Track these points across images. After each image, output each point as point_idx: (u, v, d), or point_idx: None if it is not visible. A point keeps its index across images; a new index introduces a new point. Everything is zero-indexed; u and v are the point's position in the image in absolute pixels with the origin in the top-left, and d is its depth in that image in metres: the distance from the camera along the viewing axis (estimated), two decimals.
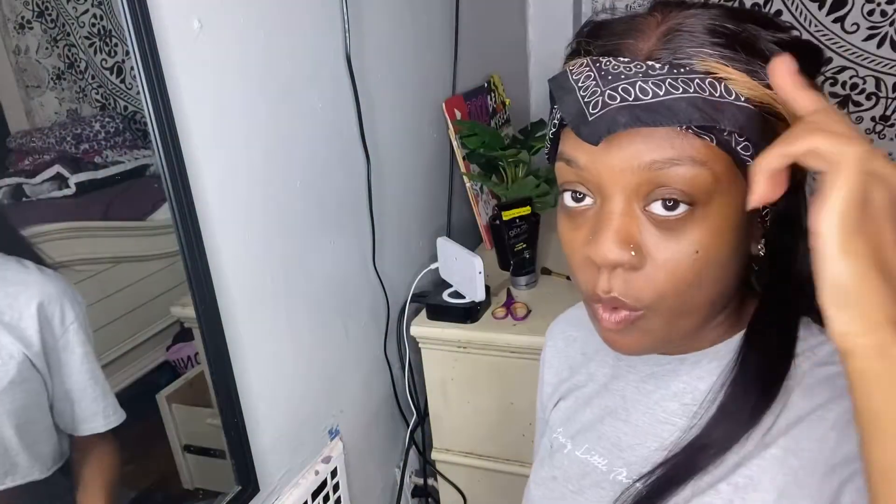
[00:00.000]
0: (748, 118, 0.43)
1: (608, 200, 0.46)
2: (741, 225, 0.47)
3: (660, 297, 0.46)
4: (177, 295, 0.91)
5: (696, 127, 0.42)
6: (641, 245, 0.46)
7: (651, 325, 0.49)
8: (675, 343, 0.53)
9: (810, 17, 1.72)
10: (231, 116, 0.90)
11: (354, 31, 1.13)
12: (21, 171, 0.88)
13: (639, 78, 0.43)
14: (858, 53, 1.72)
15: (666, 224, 0.45)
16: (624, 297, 0.47)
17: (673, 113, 0.42)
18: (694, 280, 0.46)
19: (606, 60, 0.45)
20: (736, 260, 0.48)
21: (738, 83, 0.43)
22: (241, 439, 0.96)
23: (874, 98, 1.75)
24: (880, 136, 1.78)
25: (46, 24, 0.89)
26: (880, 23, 1.67)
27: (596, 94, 0.44)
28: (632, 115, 0.42)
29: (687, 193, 0.44)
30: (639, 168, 0.44)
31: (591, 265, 0.48)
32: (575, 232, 0.49)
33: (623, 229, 0.45)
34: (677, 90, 0.42)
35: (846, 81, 1.75)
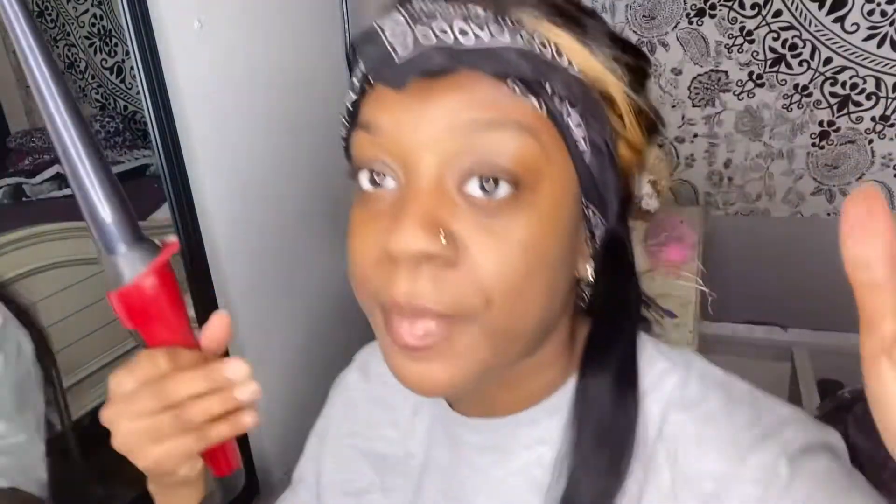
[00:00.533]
0: (581, 90, 0.36)
1: (414, 175, 0.36)
2: (570, 225, 0.38)
3: (483, 299, 0.35)
4: None
5: (522, 84, 0.35)
6: (455, 235, 0.35)
7: (469, 343, 0.36)
8: (493, 377, 0.40)
9: (810, 17, 1.72)
10: (231, 116, 0.90)
11: (354, 31, 1.13)
12: (21, 171, 0.88)
13: (456, 18, 0.35)
14: (858, 53, 1.72)
15: (486, 210, 0.35)
16: (434, 304, 0.35)
17: (499, 60, 0.34)
18: (522, 282, 0.36)
19: (415, 2, 0.36)
20: (565, 270, 0.39)
21: (571, 50, 0.36)
22: (240, 439, 0.96)
23: (874, 98, 1.75)
24: (880, 136, 1.78)
25: (46, 24, 0.89)
26: (880, 23, 1.67)
27: (406, 36, 0.34)
28: (449, 56, 0.34)
29: (510, 170, 0.35)
30: (454, 129, 0.35)
31: (387, 264, 0.36)
32: (370, 224, 0.38)
33: (431, 211, 0.35)
34: (503, 37, 0.34)
35: (846, 81, 1.75)
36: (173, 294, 0.39)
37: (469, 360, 0.37)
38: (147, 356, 0.38)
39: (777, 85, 1.82)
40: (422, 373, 0.37)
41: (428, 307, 0.35)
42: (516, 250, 0.35)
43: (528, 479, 0.44)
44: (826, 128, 1.82)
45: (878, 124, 1.77)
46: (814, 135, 1.83)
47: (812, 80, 1.78)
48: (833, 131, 1.82)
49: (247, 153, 0.93)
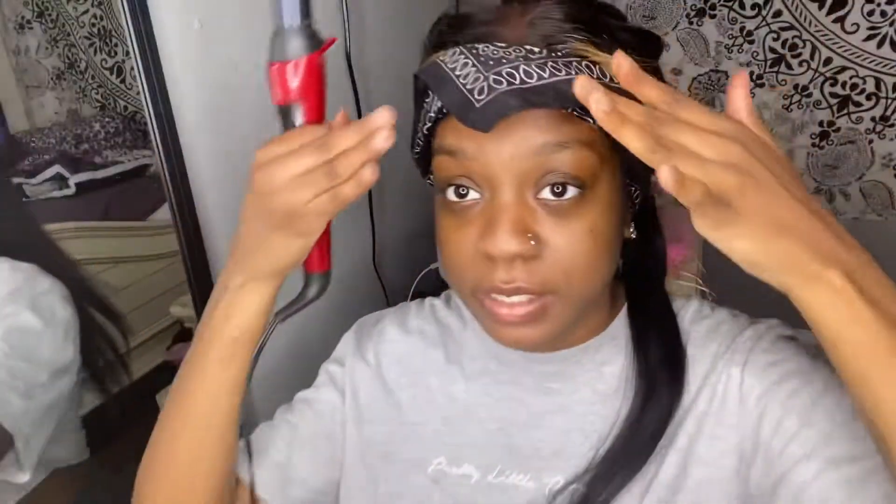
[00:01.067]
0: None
1: (499, 191, 0.45)
2: (622, 205, 0.49)
3: (565, 279, 0.46)
4: (177, 295, 0.91)
5: (580, 109, 0.43)
6: (538, 233, 0.45)
7: (557, 311, 0.47)
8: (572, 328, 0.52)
9: (810, 17, 1.72)
10: (231, 116, 0.89)
11: (354, 31, 1.13)
12: (21, 171, 0.88)
13: (521, 62, 0.42)
14: (858, 53, 1.72)
15: (559, 210, 0.45)
16: (530, 285, 0.45)
17: (561, 95, 0.41)
18: (592, 261, 0.46)
19: (483, 46, 0.44)
20: (619, 240, 0.50)
21: (607, 66, 0.44)
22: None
23: (874, 98, 1.75)
24: (880, 136, 1.78)
25: (46, 24, 0.89)
26: (880, 23, 1.67)
27: (479, 80, 0.42)
28: (522, 98, 0.41)
29: (575, 177, 0.44)
30: (529, 153, 0.43)
31: (484, 260, 0.46)
32: (463, 229, 0.47)
33: (519, 219, 0.44)
34: (560, 73, 0.42)
35: (846, 81, 1.75)
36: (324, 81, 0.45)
37: (556, 322, 0.48)
38: (299, 129, 0.44)
39: (777, 85, 1.82)
40: (519, 335, 0.48)
41: (525, 287, 0.45)
42: (586, 237, 0.45)
43: (592, 391, 0.55)
44: (826, 128, 1.82)
45: (878, 124, 1.77)
46: (814, 135, 1.83)
47: (812, 80, 1.78)
48: (833, 131, 1.82)
49: (247, 153, 0.93)
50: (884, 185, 1.83)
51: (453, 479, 0.57)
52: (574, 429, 0.54)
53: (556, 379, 0.56)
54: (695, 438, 0.51)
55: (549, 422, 0.55)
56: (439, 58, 0.46)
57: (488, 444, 0.57)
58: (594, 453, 0.52)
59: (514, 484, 0.55)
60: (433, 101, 0.48)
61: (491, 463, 0.56)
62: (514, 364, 0.57)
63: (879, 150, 1.80)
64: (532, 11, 0.45)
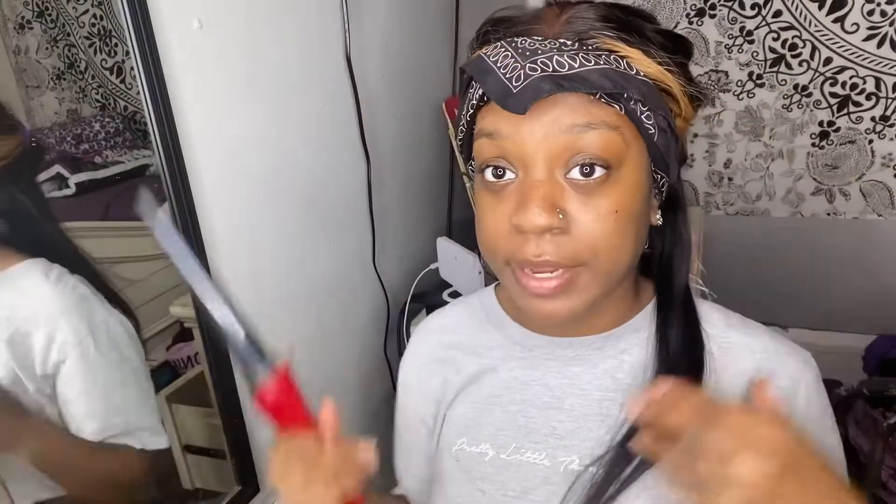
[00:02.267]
0: (649, 90, 0.48)
1: (531, 170, 0.49)
2: (647, 189, 0.52)
3: (592, 254, 0.49)
4: (177, 295, 0.91)
5: (607, 95, 0.47)
6: (567, 209, 0.48)
7: (585, 284, 0.51)
8: (597, 311, 0.56)
9: (810, 17, 1.72)
10: (231, 116, 0.90)
11: (354, 31, 1.13)
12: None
13: (554, 52, 0.47)
14: (858, 53, 1.71)
15: (586, 189, 0.48)
16: (557, 258, 0.49)
17: (589, 81, 0.46)
18: (618, 238, 0.49)
19: (522, 40, 0.49)
20: (644, 223, 0.53)
21: (636, 60, 0.48)
22: (241, 439, 0.96)
23: (874, 98, 1.75)
24: (880, 136, 1.78)
25: (46, 24, 0.89)
26: (880, 23, 1.67)
27: (517, 69, 0.47)
28: (554, 83, 0.46)
29: (602, 158, 0.48)
30: (559, 132, 0.47)
31: (517, 234, 0.49)
32: (499, 206, 0.51)
33: (549, 196, 0.48)
34: (589, 63, 0.47)
35: (846, 81, 1.75)
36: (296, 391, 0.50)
37: (584, 295, 0.51)
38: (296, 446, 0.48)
39: (777, 85, 1.82)
40: (550, 308, 0.51)
41: (551, 260, 0.49)
42: (611, 215, 0.49)
43: (612, 380, 0.58)
44: (826, 128, 1.82)
45: (878, 124, 1.77)
46: (814, 135, 1.83)
47: (812, 80, 1.78)
48: (833, 131, 1.82)
49: (247, 153, 0.93)
50: (884, 184, 1.83)
51: (471, 457, 0.62)
52: (591, 413, 0.58)
53: (577, 363, 0.59)
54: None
55: (568, 404, 0.59)
56: (483, 52, 0.51)
57: (507, 425, 0.61)
58: (609, 437, 0.56)
59: (529, 461, 0.59)
60: (476, 90, 0.52)
61: (507, 442, 0.60)
62: (539, 349, 0.61)
63: (879, 150, 1.80)
64: (568, 11, 0.50)
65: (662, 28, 0.52)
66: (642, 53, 0.48)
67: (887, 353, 1.81)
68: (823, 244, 1.90)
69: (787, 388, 0.55)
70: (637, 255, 0.54)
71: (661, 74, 0.49)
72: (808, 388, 0.56)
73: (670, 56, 0.50)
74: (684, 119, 0.53)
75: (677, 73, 0.51)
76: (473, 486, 0.61)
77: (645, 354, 0.58)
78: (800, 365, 0.56)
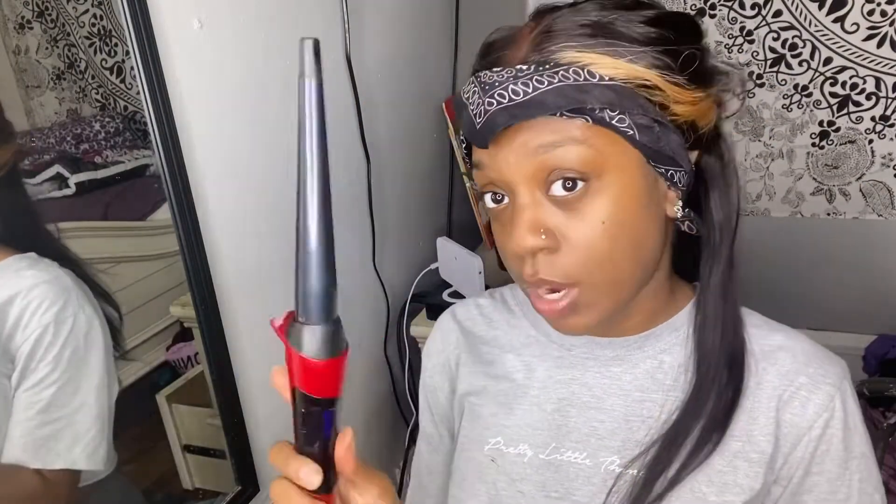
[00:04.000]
0: (616, 94, 0.47)
1: (516, 194, 0.50)
2: (644, 190, 0.51)
3: (585, 269, 0.50)
4: (177, 295, 0.91)
5: (567, 112, 0.47)
6: (553, 228, 0.49)
7: (591, 300, 0.51)
8: (622, 312, 0.55)
9: (810, 17, 1.72)
10: (231, 116, 0.90)
11: (354, 31, 1.13)
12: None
13: (510, 82, 0.48)
14: (858, 53, 1.71)
15: (568, 203, 0.49)
16: (551, 277, 0.50)
17: (542, 105, 0.47)
18: (610, 249, 0.49)
19: (484, 73, 0.50)
20: (650, 223, 0.52)
21: (599, 66, 0.47)
22: (241, 439, 0.96)
23: (874, 98, 1.75)
24: (880, 136, 1.78)
25: (46, 24, 0.89)
26: (880, 23, 1.67)
27: (479, 105, 0.49)
28: (508, 114, 0.48)
29: (577, 171, 0.48)
30: (528, 154, 0.49)
31: (518, 257, 0.51)
32: (503, 230, 0.53)
33: (532, 217, 0.49)
34: (543, 84, 0.47)
35: (846, 81, 1.75)
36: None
37: (595, 308, 0.52)
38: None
39: (777, 85, 1.82)
40: (568, 324, 0.53)
41: (546, 279, 0.50)
42: (598, 227, 0.49)
43: (653, 380, 0.58)
44: (826, 128, 1.82)
45: (878, 124, 1.77)
46: (814, 135, 1.83)
47: (812, 80, 1.78)
48: (833, 131, 1.82)
49: (247, 153, 0.93)
50: (884, 184, 1.83)
51: (509, 458, 0.62)
52: (632, 414, 0.58)
53: (617, 363, 0.60)
54: (752, 436, 0.55)
55: (609, 404, 0.59)
56: (463, 87, 0.53)
57: (543, 424, 0.61)
58: (649, 438, 0.56)
59: (570, 461, 0.59)
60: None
61: (545, 441, 0.60)
62: (578, 348, 0.61)
63: (879, 150, 1.80)
64: (541, 25, 0.50)
65: (651, 14, 0.50)
66: (608, 56, 0.47)
67: (887, 353, 1.81)
68: (823, 244, 1.90)
69: (827, 395, 0.54)
70: (650, 257, 0.53)
71: (634, 71, 0.47)
72: (845, 396, 0.55)
73: (652, 46, 0.48)
74: (684, 103, 0.50)
75: (659, 63, 0.48)
76: (513, 487, 0.61)
77: (684, 353, 0.58)
78: (838, 371, 0.56)
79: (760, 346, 0.57)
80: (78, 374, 0.74)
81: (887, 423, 1.36)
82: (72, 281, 0.74)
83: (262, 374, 1.00)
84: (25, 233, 0.75)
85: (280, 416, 1.04)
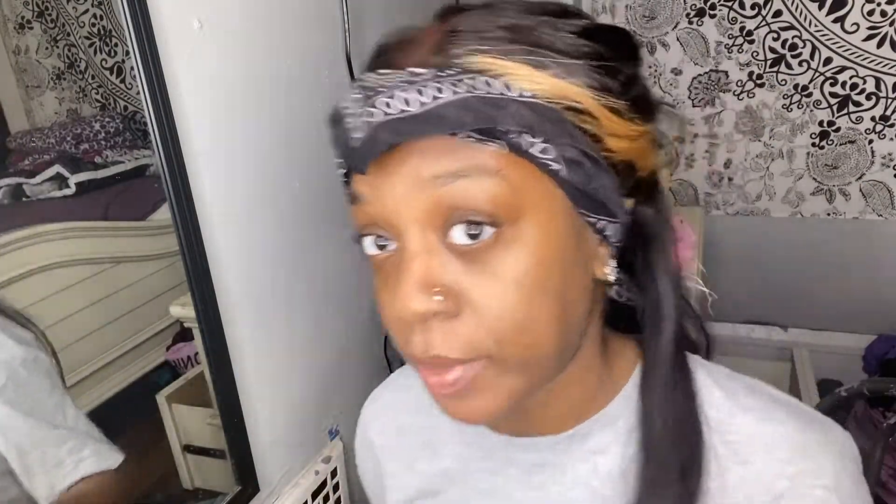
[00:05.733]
0: (538, 115, 0.36)
1: (404, 238, 0.38)
2: (569, 242, 0.39)
3: (493, 339, 0.37)
4: (177, 295, 0.91)
5: (475, 133, 0.35)
6: (451, 286, 0.37)
7: (495, 379, 0.38)
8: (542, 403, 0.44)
9: (810, 17, 1.72)
10: (231, 116, 0.90)
11: (354, 31, 1.13)
12: (21, 171, 0.88)
13: (400, 88, 0.36)
14: (858, 53, 1.72)
15: (473, 255, 0.37)
16: (447, 353, 0.37)
17: (441, 120, 0.35)
18: (524, 314, 0.37)
19: (369, 75, 0.38)
20: (574, 283, 0.40)
21: (519, 77, 0.36)
22: (241, 439, 0.96)
23: (874, 98, 1.75)
24: (880, 136, 1.78)
25: (46, 24, 0.89)
26: (880, 23, 1.67)
27: (358, 116, 0.37)
28: (393, 130, 0.35)
29: (485, 213, 0.36)
30: (421, 186, 0.36)
31: (404, 323, 0.38)
32: (385, 287, 0.40)
33: (423, 271, 0.37)
34: (442, 94, 0.35)
35: (846, 81, 1.75)
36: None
37: (501, 391, 0.39)
38: None
39: (777, 85, 1.82)
40: (465, 409, 0.40)
41: (443, 356, 0.37)
42: (512, 286, 0.36)
43: (587, 490, 0.45)
44: (826, 128, 1.82)
45: (878, 124, 1.77)
46: (814, 135, 1.83)
47: (812, 80, 1.78)
48: (833, 131, 1.82)
49: (247, 153, 0.93)
50: (884, 185, 1.83)
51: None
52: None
53: (541, 470, 0.47)
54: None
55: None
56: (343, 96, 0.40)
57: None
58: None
59: None
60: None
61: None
62: (499, 451, 0.49)
63: (879, 150, 1.80)
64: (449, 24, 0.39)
65: (582, 24, 0.39)
66: (529, 66, 0.36)
67: (887, 353, 1.81)
68: (823, 244, 1.91)
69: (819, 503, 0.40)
70: (572, 331, 0.41)
71: (562, 89, 0.36)
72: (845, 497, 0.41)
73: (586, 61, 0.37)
74: (622, 136, 0.39)
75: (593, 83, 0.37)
76: None
77: (624, 453, 0.44)
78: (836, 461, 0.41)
79: (724, 438, 0.43)
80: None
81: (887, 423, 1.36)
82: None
83: (262, 373, 1.00)
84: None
85: (280, 416, 1.04)
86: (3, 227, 0.81)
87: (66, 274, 0.88)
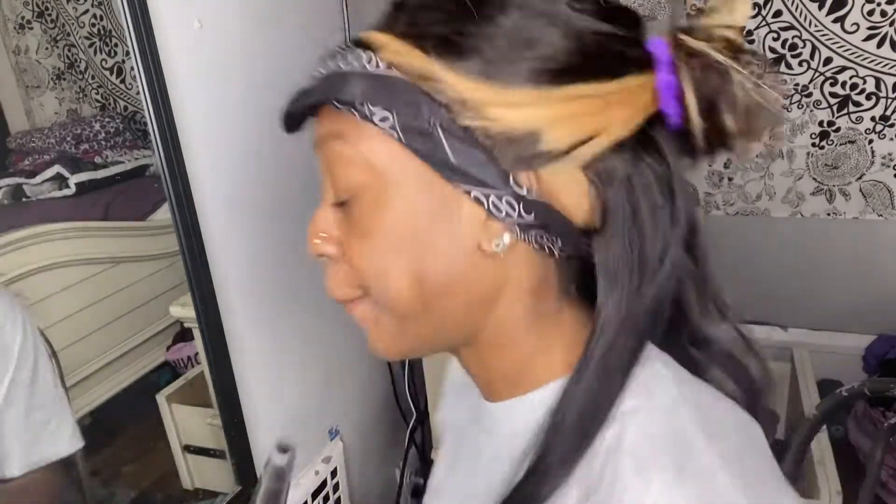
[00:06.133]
0: (380, 85, 0.37)
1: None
2: (425, 207, 0.39)
3: (360, 286, 0.42)
4: (177, 295, 0.91)
5: (336, 102, 0.39)
6: (332, 234, 0.43)
7: (381, 319, 0.43)
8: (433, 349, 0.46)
9: (810, 17, 1.72)
10: (231, 116, 0.90)
11: (354, 31, 1.13)
12: (21, 171, 0.88)
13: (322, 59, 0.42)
14: (858, 53, 1.71)
15: (345, 209, 0.42)
16: (332, 292, 0.44)
17: (313, 90, 0.42)
18: (380, 269, 0.40)
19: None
20: (439, 252, 0.39)
21: (382, 50, 0.37)
22: (241, 439, 0.96)
23: (874, 98, 1.75)
24: (880, 136, 1.78)
25: (46, 24, 0.89)
26: (880, 23, 1.67)
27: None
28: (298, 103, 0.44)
29: (341, 174, 0.41)
30: (320, 146, 0.43)
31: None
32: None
33: (319, 219, 0.44)
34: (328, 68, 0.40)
35: (846, 81, 1.75)
36: None
37: (387, 330, 0.43)
38: None
39: None
40: (370, 343, 0.45)
41: (331, 295, 0.44)
42: (366, 240, 0.40)
43: (501, 466, 0.43)
44: (826, 128, 1.82)
45: (878, 124, 1.77)
46: (814, 135, 1.83)
47: (812, 80, 1.78)
48: (833, 131, 1.82)
49: (247, 153, 0.93)
50: (884, 185, 1.83)
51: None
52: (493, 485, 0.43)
53: (482, 435, 0.48)
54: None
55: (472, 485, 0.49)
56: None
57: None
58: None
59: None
60: None
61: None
62: (476, 411, 0.49)
63: (879, 150, 1.80)
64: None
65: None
66: (396, 39, 0.37)
67: (887, 353, 1.81)
68: (823, 244, 1.90)
69: None
70: (439, 290, 0.40)
71: (410, 59, 0.37)
72: None
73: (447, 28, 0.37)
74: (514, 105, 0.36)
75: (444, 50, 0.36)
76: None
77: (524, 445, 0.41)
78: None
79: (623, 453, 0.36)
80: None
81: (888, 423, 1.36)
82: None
83: (262, 374, 1.00)
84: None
85: (280, 416, 1.04)
86: (3, 227, 0.82)
87: (66, 274, 0.88)
